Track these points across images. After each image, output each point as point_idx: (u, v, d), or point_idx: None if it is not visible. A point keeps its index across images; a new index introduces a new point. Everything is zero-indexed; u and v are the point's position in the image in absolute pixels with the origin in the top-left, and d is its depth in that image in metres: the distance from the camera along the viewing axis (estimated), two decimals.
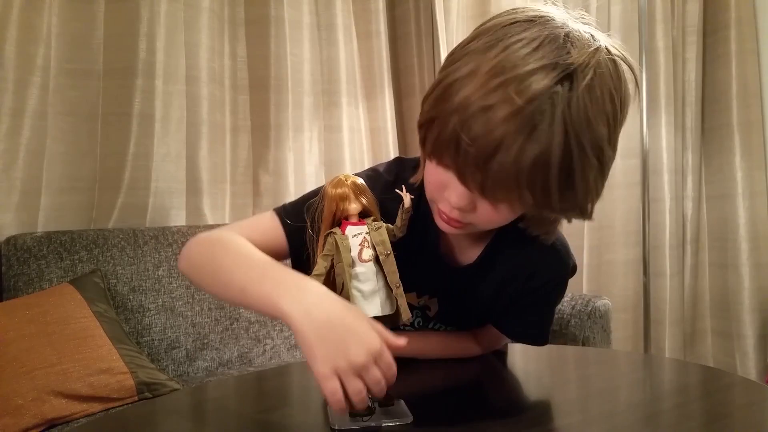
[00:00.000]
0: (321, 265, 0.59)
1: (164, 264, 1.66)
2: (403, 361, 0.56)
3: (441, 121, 0.60)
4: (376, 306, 0.59)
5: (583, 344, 1.63)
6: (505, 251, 0.78)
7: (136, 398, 1.30)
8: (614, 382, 0.78)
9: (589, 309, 1.66)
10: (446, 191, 0.65)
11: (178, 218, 1.84)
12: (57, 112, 1.69)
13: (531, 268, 0.79)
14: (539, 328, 0.84)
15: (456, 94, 0.59)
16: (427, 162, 0.68)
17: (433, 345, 0.85)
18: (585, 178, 0.61)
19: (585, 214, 0.66)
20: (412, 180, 0.74)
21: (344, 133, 2.18)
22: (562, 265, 0.80)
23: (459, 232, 0.70)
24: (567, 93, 0.57)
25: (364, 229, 0.60)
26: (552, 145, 0.57)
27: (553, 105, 0.57)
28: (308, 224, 0.87)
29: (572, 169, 0.59)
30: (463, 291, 0.82)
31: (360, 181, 0.62)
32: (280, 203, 0.80)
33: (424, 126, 0.64)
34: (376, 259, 0.59)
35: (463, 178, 0.61)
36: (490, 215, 0.65)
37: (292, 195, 2.03)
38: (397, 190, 0.60)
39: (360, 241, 0.59)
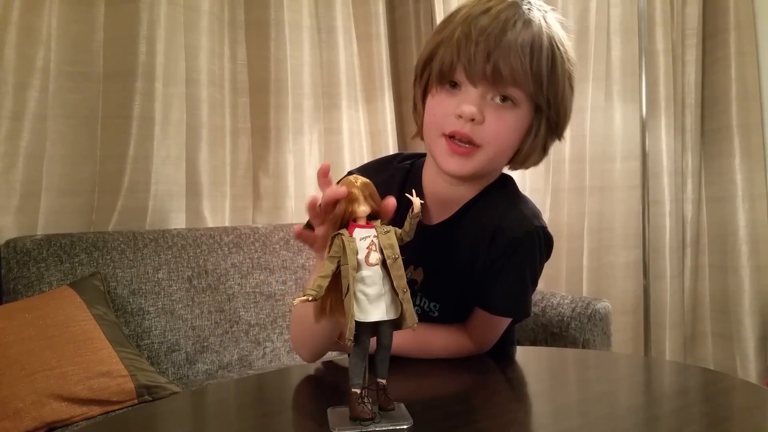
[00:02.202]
0: (327, 267, 0.58)
1: (164, 267, 1.66)
2: (403, 365, 0.56)
3: (447, 39, 0.76)
4: (381, 310, 0.58)
5: (583, 347, 1.63)
6: (474, 210, 0.87)
7: (135, 401, 1.30)
8: (614, 385, 0.78)
9: (589, 311, 1.66)
10: (457, 109, 0.76)
11: (178, 221, 1.84)
12: (57, 115, 1.69)
13: (496, 222, 0.84)
14: (517, 299, 0.87)
15: (456, 16, 0.77)
16: (429, 100, 0.80)
17: (419, 336, 0.85)
18: (563, 69, 0.78)
19: (560, 120, 0.82)
20: (411, 138, 0.90)
21: (344, 135, 2.18)
22: (526, 222, 0.84)
23: (464, 169, 0.79)
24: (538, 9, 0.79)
25: (372, 232, 0.59)
26: (541, 29, 0.76)
27: (530, 8, 0.77)
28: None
29: (554, 53, 0.77)
30: (440, 253, 0.87)
31: (369, 182, 0.61)
32: (280, 206, 0.82)
33: (426, 60, 0.79)
34: (383, 263, 0.58)
35: (473, 78, 0.75)
36: (497, 127, 0.77)
37: (292, 198, 2.03)
38: (407, 194, 0.59)
39: (368, 244, 0.58)
